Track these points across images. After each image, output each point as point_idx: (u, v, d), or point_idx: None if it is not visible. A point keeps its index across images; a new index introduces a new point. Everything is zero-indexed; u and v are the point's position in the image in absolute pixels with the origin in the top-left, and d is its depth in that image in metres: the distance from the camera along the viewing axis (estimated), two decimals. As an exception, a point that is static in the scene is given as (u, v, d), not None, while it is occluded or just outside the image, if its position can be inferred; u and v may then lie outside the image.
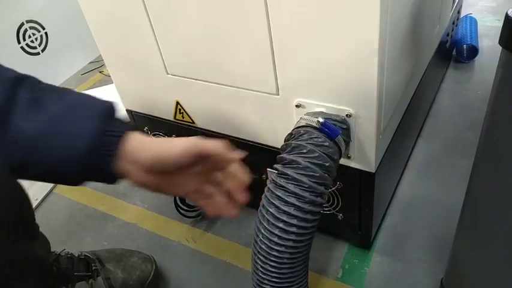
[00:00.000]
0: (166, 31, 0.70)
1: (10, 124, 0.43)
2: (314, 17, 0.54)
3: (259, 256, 0.58)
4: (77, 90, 0.65)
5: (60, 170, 0.45)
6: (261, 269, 0.59)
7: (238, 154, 0.50)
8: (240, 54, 0.65)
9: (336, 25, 0.53)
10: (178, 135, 0.90)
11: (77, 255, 0.80)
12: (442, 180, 0.97)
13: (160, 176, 0.48)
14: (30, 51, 1.51)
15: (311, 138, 0.58)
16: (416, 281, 0.78)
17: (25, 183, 0.49)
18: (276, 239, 0.56)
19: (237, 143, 0.80)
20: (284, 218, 0.55)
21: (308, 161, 0.56)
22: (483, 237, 0.56)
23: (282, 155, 0.60)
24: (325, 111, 0.62)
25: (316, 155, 0.56)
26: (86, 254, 0.80)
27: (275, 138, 0.73)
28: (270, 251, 0.57)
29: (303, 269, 0.61)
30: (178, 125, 0.87)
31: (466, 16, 1.42)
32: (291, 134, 0.61)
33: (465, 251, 0.63)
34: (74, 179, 0.48)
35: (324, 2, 0.52)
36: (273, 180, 0.59)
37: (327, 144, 0.58)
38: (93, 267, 0.78)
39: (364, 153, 0.65)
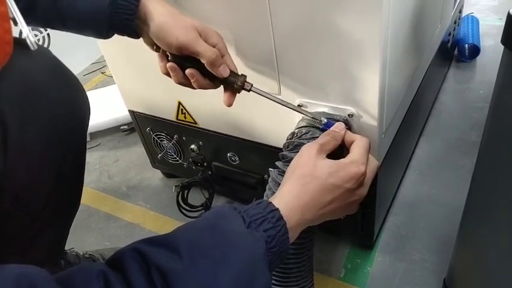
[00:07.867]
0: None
1: None
2: (316, 17, 0.54)
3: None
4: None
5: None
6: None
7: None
8: (242, 54, 0.65)
9: (339, 25, 0.53)
10: (180, 136, 0.90)
11: (81, 253, 0.81)
12: (445, 179, 0.96)
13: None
14: (32, 52, 1.51)
15: (313, 137, 0.58)
16: (419, 280, 0.78)
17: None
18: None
19: (239, 143, 0.80)
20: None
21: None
22: (486, 236, 0.56)
23: (283, 153, 0.60)
24: (327, 111, 0.62)
25: (318, 154, 0.56)
26: (91, 253, 0.82)
27: (277, 138, 0.73)
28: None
29: (308, 266, 0.61)
30: (180, 125, 0.87)
31: (467, 15, 1.42)
32: (293, 133, 0.62)
33: (468, 251, 0.63)
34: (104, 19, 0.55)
35: (327, 3, 0.52)
36: (274, 178, 0.59)
37: (329, 143, 0.57)
38: None
39: (367, 153, 0.65)
